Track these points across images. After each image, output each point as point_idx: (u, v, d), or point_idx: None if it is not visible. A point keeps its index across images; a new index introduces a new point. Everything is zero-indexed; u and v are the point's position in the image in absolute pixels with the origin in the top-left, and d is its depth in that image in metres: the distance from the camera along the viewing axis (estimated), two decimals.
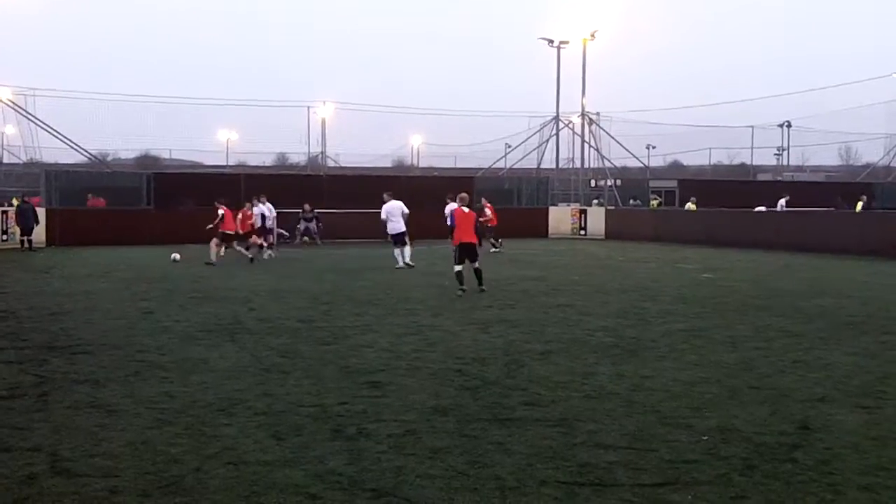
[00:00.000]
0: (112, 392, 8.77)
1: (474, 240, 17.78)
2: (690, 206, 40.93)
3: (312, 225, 36.71)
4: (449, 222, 19.57)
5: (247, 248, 26.51)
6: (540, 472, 6.28)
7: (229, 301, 16.35)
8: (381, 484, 6.03)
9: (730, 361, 10.55)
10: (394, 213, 24.31)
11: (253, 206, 28.13)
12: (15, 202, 35.42)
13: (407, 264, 23.70)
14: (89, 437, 7.18)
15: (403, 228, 24.27)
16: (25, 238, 32.44)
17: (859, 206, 38.10)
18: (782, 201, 38.58)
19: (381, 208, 24.94)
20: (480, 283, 17.67)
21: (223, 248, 26.13)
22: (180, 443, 6.99)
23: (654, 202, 48.20)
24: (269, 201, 29.68)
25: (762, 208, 37.67)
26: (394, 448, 6.88)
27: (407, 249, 24.06)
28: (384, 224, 24.29)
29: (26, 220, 32.59)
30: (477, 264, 17.75)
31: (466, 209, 17.99)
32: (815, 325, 13.54)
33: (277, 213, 30.73)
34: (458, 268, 17.45)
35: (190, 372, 9.79)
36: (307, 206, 36.47)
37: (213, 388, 8.99)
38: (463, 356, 10.79)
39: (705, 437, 7.22)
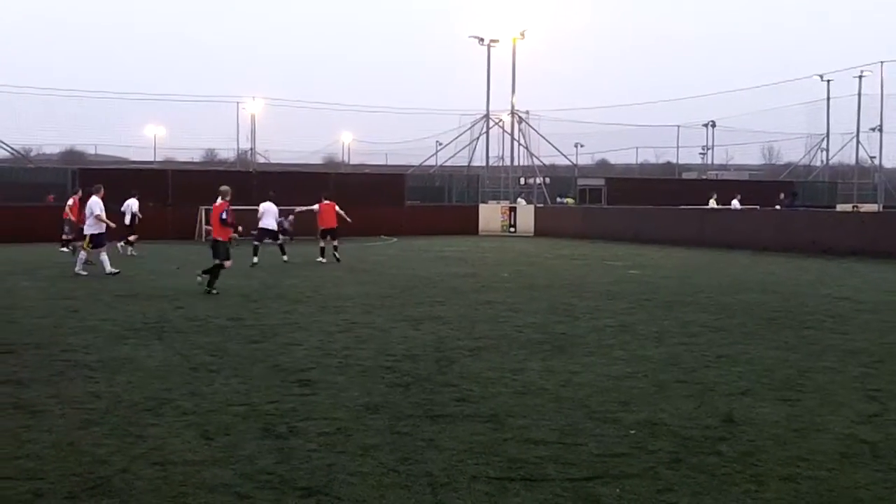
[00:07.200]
0: (36, 392, 8.59)
1: None
2: (568, 201, 40.92)
3: None
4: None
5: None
6: (471, 468, 6.31)
7: (157, 299, 16.12)
8: (311, 482, 6.00)
9: (656, 356, 10.72)
10: None
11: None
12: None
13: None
14: (12, 438, 7.02)
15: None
16: None
17: (711, 202, 39.31)
18: (735, 201, 39.23)
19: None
20: None
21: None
22: (107, 443, 6.88)
23: (569, 200, 48.67)
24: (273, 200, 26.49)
25: (713, 202, 38.60)
26: (324, 446, 6.86)
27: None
28: None
29: None
30: None
31: None
32: (738, 319, 13.83)
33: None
34: None
35: (116, 371, 9.63)
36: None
37: (140, 387, 8.85)
38: (394, 353, 10.79)
39: (633, 431, 7.32)
